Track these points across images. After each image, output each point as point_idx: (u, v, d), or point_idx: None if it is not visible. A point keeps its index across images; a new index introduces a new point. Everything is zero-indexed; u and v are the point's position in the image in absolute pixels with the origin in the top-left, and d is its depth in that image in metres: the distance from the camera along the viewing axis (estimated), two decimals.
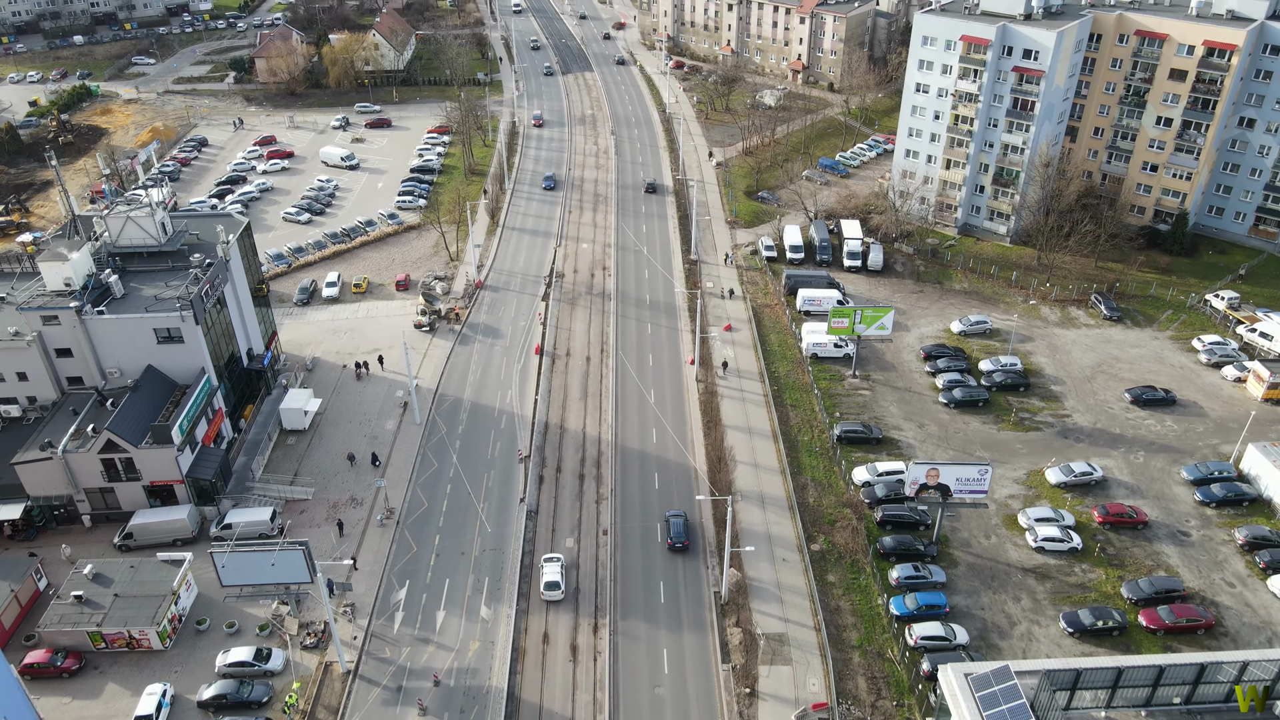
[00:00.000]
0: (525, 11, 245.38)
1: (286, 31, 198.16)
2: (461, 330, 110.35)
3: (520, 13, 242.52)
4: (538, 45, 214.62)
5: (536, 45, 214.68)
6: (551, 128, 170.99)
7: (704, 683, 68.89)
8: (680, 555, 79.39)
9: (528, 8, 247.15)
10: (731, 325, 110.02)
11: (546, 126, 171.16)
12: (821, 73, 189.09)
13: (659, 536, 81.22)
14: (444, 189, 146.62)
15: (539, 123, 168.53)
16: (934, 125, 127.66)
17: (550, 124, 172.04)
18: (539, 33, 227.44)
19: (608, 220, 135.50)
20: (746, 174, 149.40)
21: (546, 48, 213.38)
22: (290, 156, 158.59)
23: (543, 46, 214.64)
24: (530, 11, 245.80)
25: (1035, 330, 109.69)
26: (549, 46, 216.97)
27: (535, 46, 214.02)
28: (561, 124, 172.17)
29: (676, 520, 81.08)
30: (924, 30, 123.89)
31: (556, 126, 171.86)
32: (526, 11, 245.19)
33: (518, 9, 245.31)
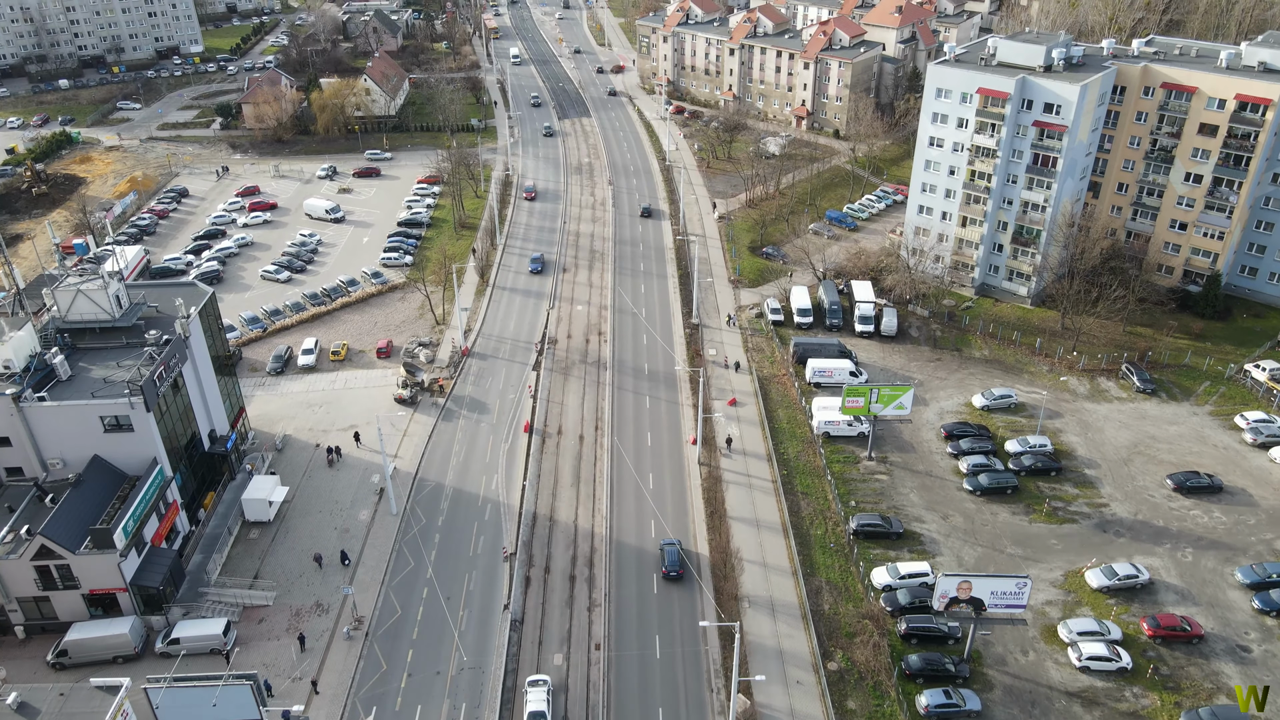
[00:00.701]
0: (525, 62, 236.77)
1: (275, 76, 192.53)
2: (445, 404, 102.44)
3: (520, 64, 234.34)
4: (539, 102, 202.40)
5: (538, 102, 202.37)
6: (547, 172, 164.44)
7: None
8: (683, 681, 70.70)
9: (527, 57, 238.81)
10: (736, 399, 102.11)
11: (542, 169, 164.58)
12: (827, 119, 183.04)
13: (657, 650, 72.71)
14: (432, 244, 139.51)
15: (531, 195, 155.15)
16: (949, 181, 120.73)
17: (546, 178, 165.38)
18: (537, 82, 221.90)
19: (604, 279, 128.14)
20: (750, 228, 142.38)
21: (546, 103, 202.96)
22: (273, 208, 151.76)
23: (544, 103, 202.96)
24: (529, 60, 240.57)
25: (1064, 404, 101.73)
26: (545, 90, 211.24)
27: (536, 103, 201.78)
28: (557, 174, 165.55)
29: (671, 549, 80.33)
30: (938, 82, 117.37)
31: (551, 171, 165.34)
32: (525, 60, 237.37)
33: (517, 61, 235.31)
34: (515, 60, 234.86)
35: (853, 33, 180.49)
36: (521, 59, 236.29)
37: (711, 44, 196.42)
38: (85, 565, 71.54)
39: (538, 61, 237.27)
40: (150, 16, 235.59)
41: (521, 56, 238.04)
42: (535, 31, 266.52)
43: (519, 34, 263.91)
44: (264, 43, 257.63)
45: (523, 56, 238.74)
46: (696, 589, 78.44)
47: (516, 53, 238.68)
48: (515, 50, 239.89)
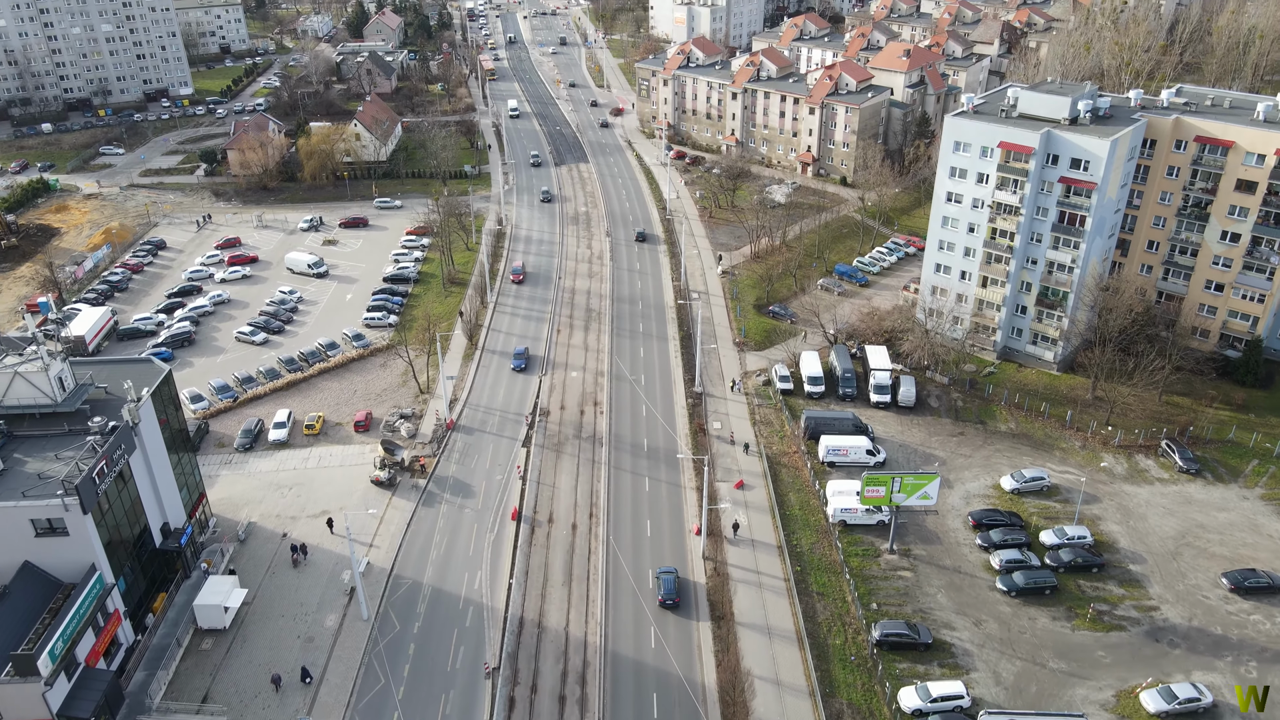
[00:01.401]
0: (524, 115, 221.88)
1: (262, 121, 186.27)
2: (427, 486, 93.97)
3: (518, 117, 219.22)
4: (539, 162, 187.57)
5: (538, 161, 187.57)
6: (542, 222, 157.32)
7: None
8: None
9: (528, 109, 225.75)
10: (744, 481, 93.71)
11: (537, 220, 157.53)
12: (833, 165, 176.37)
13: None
14: (419, 302, 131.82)
15: (519, 278, 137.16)
16: (968, 239, 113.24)
17: (541, 229, 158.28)
18: (536, 134, 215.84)
19: (600, 342, 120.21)
20: (755, 283, 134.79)
21: (547, 162, 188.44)
22: (253, 262, 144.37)
23: (544, 162, 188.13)
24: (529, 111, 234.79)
25: (1100, 487, 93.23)
26: (544, 138, 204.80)
27: (536, 163, 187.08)
28: (552, 224, 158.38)
29: (668, 577, 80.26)
30: (956, 135, 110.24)
31: (546, 221, 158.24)
32: (524, 114, 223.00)
33: (515, 114, 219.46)
34: (514, 113, 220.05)
35: (859, 77, 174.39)
36: (520, 112, 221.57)
37: (713, 88, 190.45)
38: (6, 696, 62.79)
39: (534, 101, 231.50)
40: (139, 59, 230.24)
41: (520, 109, 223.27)
42: (533, 73, 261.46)
43: (516, 75, 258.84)
44: (256, 84, 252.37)
45: (521, 109, 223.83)
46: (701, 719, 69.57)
47: (515, 105, 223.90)
48: (513, 103, 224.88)
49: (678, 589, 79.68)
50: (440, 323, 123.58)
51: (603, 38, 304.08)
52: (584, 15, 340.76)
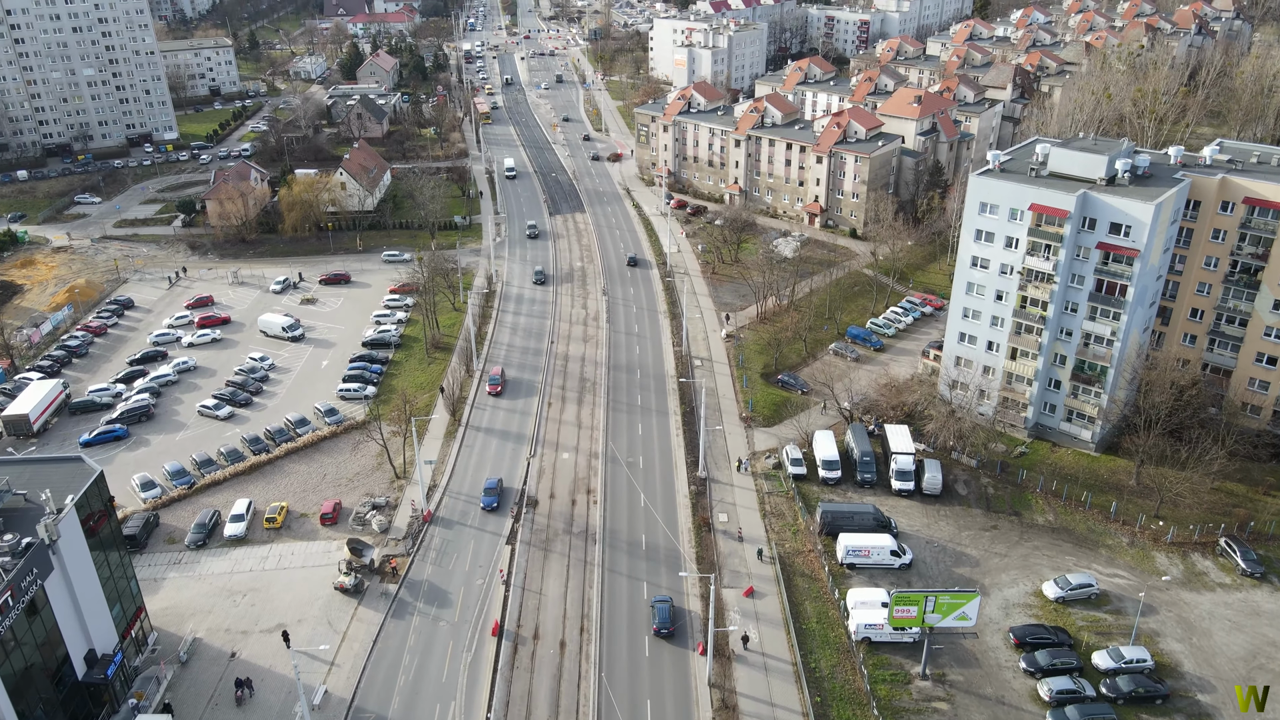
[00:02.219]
0: (521, 175, 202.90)
1: (244, 169, 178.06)
2: (398, 593, 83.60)
3: (515, 177, 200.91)
4: (536, 233, 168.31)
5: (535, 233, 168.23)
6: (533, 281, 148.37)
7: None
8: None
9: (530, 168, 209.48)
10: (754, 589, 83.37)
11: (528, 279, 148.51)
12: (842, 217, 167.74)
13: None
14: (401, 370, 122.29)
15: (496, 389, 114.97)
16: (996, 307, 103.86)
17: (531, 291, 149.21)
18: (535, 193, 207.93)
19: (595, 417, 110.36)
20: (762, 348, 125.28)
21: (545, 234, 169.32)
22: (224, 324, 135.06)
23: (541, 234, 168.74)
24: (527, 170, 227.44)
25: (1156, 594, 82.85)
26: (542, 197, 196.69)
27: (533, 234, 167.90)
28: (545, 283, 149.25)
29: (662, 606, 79.57)
30: (982, 195, 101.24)
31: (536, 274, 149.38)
32: (521, 173, 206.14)
33: (511, 174, 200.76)
34: (510, 173, 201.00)
35: (869, 125, 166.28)
36: (516, 172, 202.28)
37: (715, 134, 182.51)
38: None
39: (530, 146, 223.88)
40: (122, 103, 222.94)
41: (516, 169, 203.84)
42: (529, 116, 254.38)
43: (512, 118, 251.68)
44: (244, 128, 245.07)
45: (518, 169, 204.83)
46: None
47: (511, 165, 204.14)
48: (510, 161, 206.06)
49: (672, 617, 78.23)
50: (421, 396, 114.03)
51: (601, 79, 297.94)
52: (583, 56, 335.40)
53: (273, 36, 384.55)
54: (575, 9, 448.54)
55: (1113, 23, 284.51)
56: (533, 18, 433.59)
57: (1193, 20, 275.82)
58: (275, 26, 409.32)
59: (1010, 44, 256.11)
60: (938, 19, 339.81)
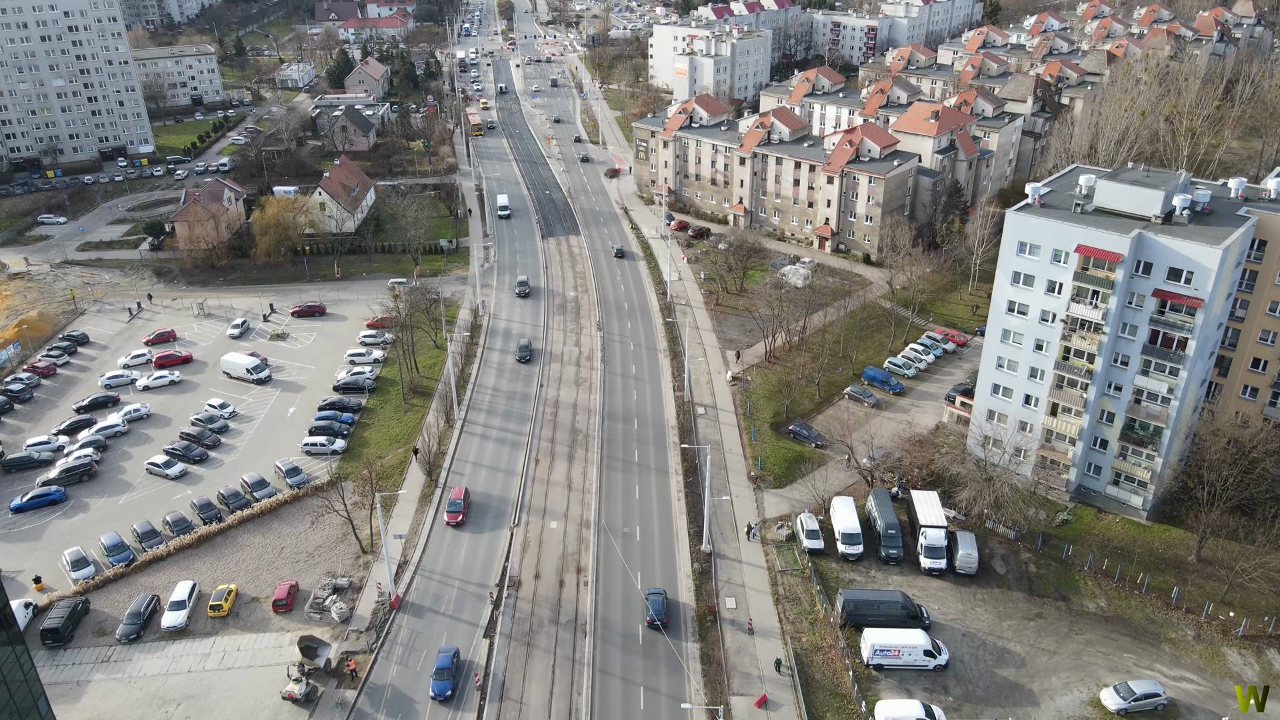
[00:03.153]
0: (514, 213, 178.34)
1: (217, 188, 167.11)
2: (356, 702, 72.51)
3: (507, 217, 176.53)
4: (526, 291, 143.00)
5: (525, 292, 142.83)
6: (523, 312, 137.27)
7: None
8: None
9: (529, 205, 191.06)
10: (767, 697, 72.29)
11: (517, 310, 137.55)
12: (855, 241, 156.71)
13: None
14: (375, 417, 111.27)
15: (456, 517, 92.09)
16: (1035, 358, 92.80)
17: (522, 320, 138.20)
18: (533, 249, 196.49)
19: (587, 477, 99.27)
20: (772, 393, 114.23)
21: (539, 292, 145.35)
22: (185, 363, 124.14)
23: (531, 291, 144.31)
24: (515, 158, 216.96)
25: (1232, 704, 71.69)
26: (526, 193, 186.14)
27: (523, 294, 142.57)
28: (535, 315, 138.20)
29: (656, 598, 79.67)
30: (1020, 234, 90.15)
31: (529, 311, 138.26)
32: (515, 211, 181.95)
33: (504, 214, 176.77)
34: (503, 213, 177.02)
35: (883, 142, 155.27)
36: (510, 210, 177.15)
37: (719, 151, 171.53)
38: None
39: (523, 161, 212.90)
40: (94, 115, 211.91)
41: (510, 207, 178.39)
42: (524, 127, 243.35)
43: (506, 129, 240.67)
44: (225, 141, 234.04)
45: (511, 207, 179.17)
46: None
47: (505, 203, 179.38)
48: (503, 199, 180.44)
49: (666, 610, 78.45)
50: (395, 452, 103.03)
51: (599, 88, 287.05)
52: (580, 63, 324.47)
53: (261, 42, 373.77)
54: (573, 13, 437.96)
55: (1130, 29, 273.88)
56: (530, 22, 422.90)
57: (1214, 27, 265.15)
58: (265, 31, 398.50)
59: (1026, 52, 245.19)
60: (947, 25, 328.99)
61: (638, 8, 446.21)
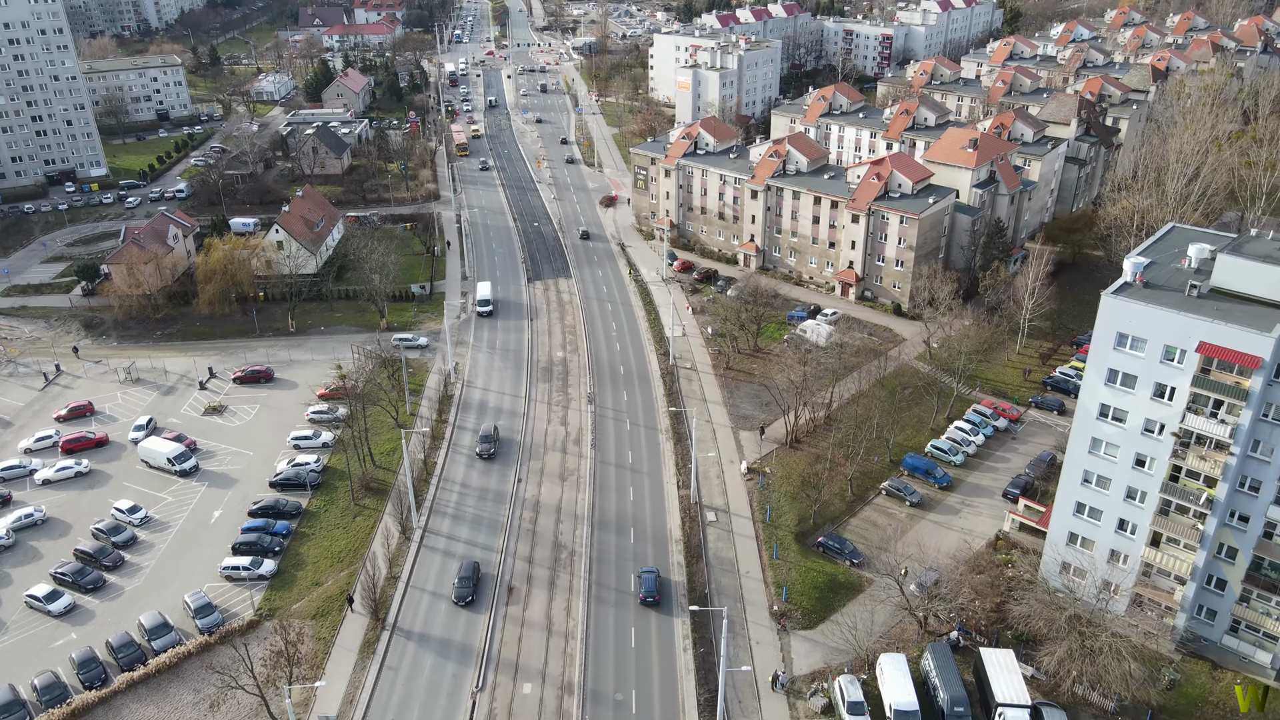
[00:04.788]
0: (494, 309, 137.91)
1: (161, 224, 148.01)
2: None
3: (490, 314, 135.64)
4: (490, 452, 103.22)
5: (488, 452, 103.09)
6: (503, 376, 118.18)
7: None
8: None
9: (513, 250, 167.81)
10: None
11: (496, 373, 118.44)
12: (883, 288, 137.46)
13: None
14: (316, 526, 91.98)
15: None
16: (1135, 476, 73.63)
17: (500, 388, 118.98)
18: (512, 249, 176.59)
19: (572, 614, 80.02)
20: (795, 491, 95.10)
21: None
22: (100, 446, 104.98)
23: (502, 445, 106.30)
24: (501, 183, 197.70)
25: None
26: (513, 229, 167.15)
27: (486, 454, 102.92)
28: (517, 380, 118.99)
29: (649, 576, 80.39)
30: (1121, 324, 70.93)
31: (510, 374, 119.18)
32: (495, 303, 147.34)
33: (485, 308, 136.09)
34: (483, 307, 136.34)
35: (916, 176, 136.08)
36: (490, 302, 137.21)
37: (728, 182, 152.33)
38: None
39: (511, 186, 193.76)
40: (38, 135, 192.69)
41: (491, 299, 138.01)
42: (513, 146, 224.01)
43: (494, 149, 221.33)
44: (188, 161, 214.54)
45: (493, 296, 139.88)
46: None
47: (486, 295, 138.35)
48: (485, 289, 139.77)
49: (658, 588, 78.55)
50: (336, 576, 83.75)
51: (596, 100, 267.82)
52: (576, 73, 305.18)
53: (241, 50, 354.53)
54: (570, 19, 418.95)
55: (1166, 38, 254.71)
56: (524, 27, 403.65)
57: (1258, 37, 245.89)
58: (246, 39, 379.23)
59: (1057, 65, 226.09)
60: (966, 33, 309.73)
61: (637, 13, 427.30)
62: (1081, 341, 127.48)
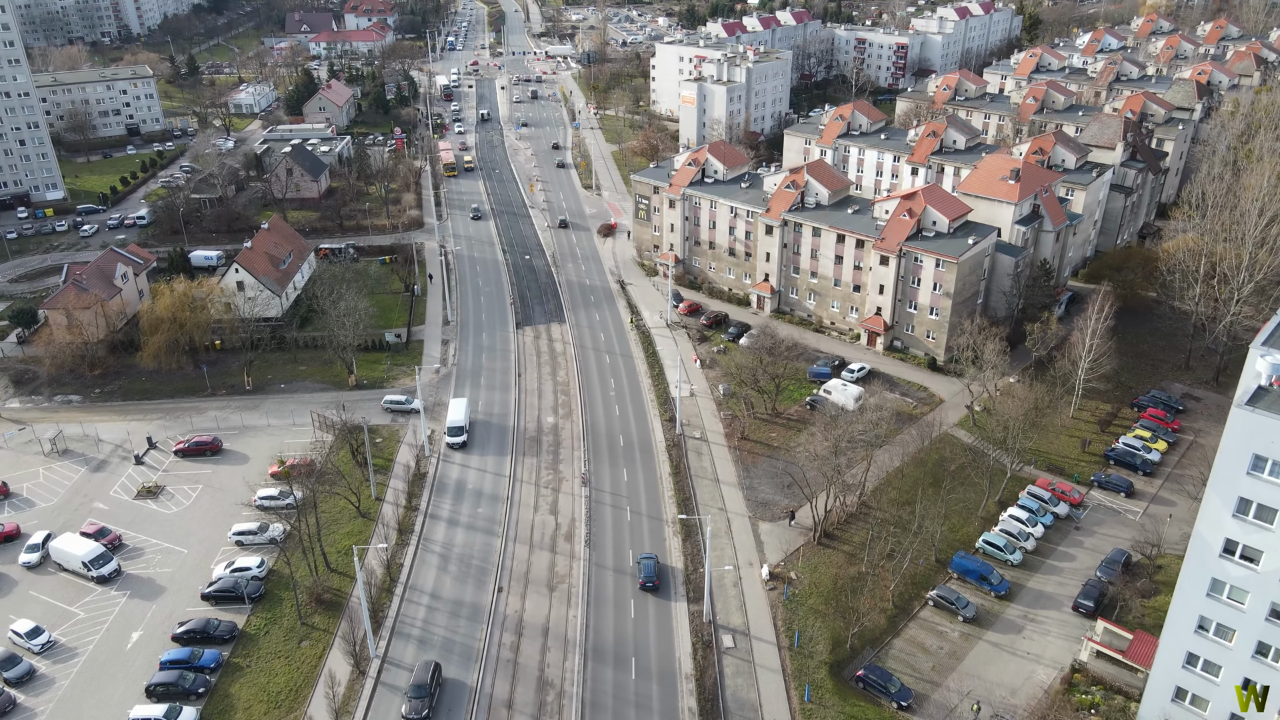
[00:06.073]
0: (466, 444, 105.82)
1: (109, 262, 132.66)
2: None
3: (461, 445, 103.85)
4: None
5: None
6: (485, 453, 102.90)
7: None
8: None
9: (490, 210, 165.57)
10: None
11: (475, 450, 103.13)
12: (915, 338, 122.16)
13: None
14: (254, 655, 76.50)
15: None
16: (1268, 630, 58.21)
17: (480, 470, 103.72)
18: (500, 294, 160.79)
19: None
20: (824, 603, 79.81)
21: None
22: (9, 541, 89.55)
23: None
24: (491, 208, 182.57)
25: None
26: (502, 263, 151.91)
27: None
28: (501, 455, 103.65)
29: (648, 562, 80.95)
30: (1258, 444, 55.15)
31: (494, 445, 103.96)
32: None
33: (455, 440, 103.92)
34: (453, 439, 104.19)
35: (952, 212, 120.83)
36: (464, 436, 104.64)
37: (739, 215, 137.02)
38: None
39: (502, 213, 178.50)
40: None
41: (464, 427, 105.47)
42: (505, 166, 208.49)
43: (484, 168, 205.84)
44: (156, 182, 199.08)
45: (467, 426, 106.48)
46: None
47: (459, 422, 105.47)
48: (457, 414, 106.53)
49: None
50: None
51: (594, 113, 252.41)
52: (574, 83, 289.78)
53: (224, 57, 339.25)
54: (568, 24, 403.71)
55: (1200, 48, 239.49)
56: (521, 34, 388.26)
57: None
58: (229, 45, 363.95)
59: (1088, 77, 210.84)
60: (985, 42, 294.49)
61: (638, 18, 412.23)
62: (1144, 404, 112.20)
